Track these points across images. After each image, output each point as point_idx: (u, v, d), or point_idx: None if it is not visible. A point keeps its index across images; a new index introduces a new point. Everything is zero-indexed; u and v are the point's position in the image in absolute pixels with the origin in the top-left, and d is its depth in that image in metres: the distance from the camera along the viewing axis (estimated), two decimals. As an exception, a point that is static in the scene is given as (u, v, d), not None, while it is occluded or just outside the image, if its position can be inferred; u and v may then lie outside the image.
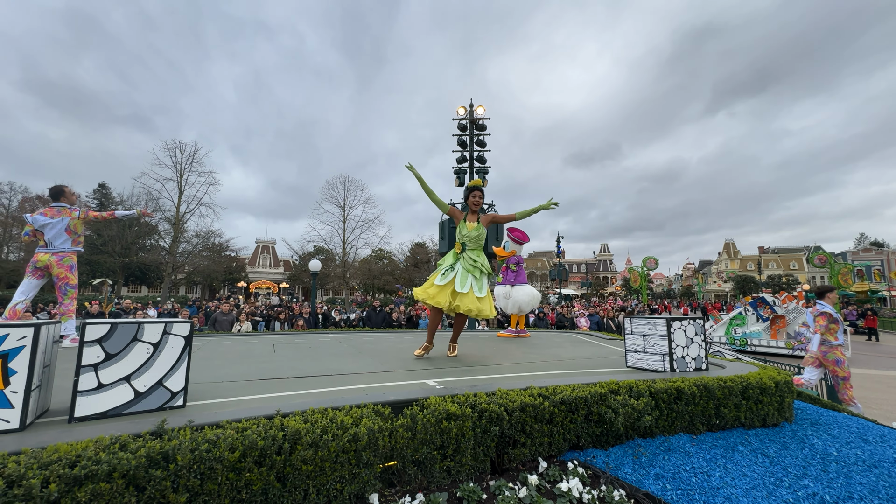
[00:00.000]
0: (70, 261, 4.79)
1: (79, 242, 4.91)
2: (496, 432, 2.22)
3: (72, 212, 4.81)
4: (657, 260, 28.44)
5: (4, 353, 1.79)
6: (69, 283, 4.77)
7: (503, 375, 3.44)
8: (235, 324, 9.76)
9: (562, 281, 31.88)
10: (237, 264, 42.68)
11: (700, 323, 3.75)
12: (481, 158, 11.41)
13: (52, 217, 4.72)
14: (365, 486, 1.88)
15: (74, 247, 4.84)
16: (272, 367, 3.62)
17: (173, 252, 29.86)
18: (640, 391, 2.74)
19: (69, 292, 4.78)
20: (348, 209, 34.08)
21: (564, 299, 34.00)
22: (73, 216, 4.79)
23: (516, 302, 6.65)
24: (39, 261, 4.69)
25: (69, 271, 4.76)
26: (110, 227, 28.76)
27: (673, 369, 3.46)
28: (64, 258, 4.74)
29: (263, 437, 1.67)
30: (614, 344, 6.01)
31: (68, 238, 4.78)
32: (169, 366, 2.14)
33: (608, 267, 74.43)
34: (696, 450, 2.64)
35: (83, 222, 4.90)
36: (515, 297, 6.65)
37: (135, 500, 1.43)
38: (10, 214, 32.95)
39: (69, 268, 4.77)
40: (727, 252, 64.74)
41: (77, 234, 4.87)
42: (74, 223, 4.80)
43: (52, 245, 4.72)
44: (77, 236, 4.87)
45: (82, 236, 4.98)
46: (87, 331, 1.95)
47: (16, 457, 1.40)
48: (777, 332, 13.46)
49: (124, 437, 1.57)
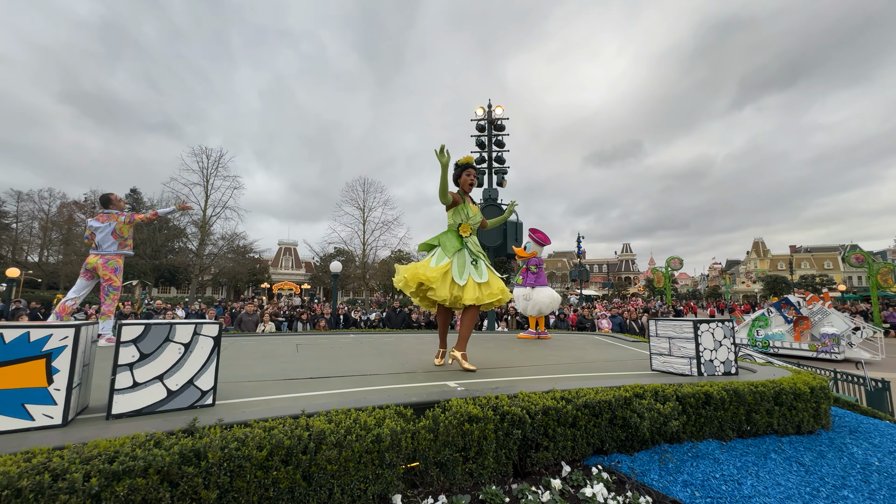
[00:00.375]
0: (115, 263, 5.06)
1: (125, 246, 5.16)
2: (518, 435, 2.20)
3: (119, 217, 5.08)
4: (682, 260, 27.69)
5: (48, 353, 1.89)
6: (112, 285, 5.02)
7: (524, 378, 3.41)
8: (259, 324, 10.00)
9: (583, 282, 31.41)
10: (260, 266, 43.73)
11: (729, 325, 3.64)
12: (500, 159, 11.37)
13: (102, 222, 5.07)
14: (388, 487, 1.90)
15: (120, 250, 5.08)
16: (296, 367, 3.69)
17: (200, 254, 30.81)
18: (666, 395, 2.68)
19: (111, 293, 5.03)
20: (368, 211, 34.50)
21: (585, 300, 33.48)
22: (120, 221, 5.06)
23: (536, 304, 6.60)
24: (89, 262, 5.01)
25: (113, 273, 5.02)
26: (141, 230, 29.89)
27: (700, 373, 3.36)
28: (109, 261, 5.01)
29: (290, 437, 1.70)
30: (638, 346, 5.88)
31: (114, 242, 5.06)
32: (199, 365, 2.21)
33: (630, 267, 72.90)
34: (726, 457, 2.56)
35: (130, 226, 5.15)
36: (536, 299, 6.60)
37: (168, 495, 1.48)
38: (50, 219, 34.68)
39: (113, 270, 5.03)
40: (756, 251, 62.47)
41: (123, 237, 5.12)
42: (120, 227, 5.07)
43: (101, 248, 5.04)
44: (123, 240, 5.13)
45: (129, 240, 5.22)
46: (124, 331, 2.03)
47: (60, 451, 1.47)
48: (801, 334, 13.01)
49: (158, 434, 1.63)
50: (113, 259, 5.05)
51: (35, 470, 1.34)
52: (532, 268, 6.76)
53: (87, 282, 5.05)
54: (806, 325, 12.96)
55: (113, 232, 5.05)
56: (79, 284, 5.01)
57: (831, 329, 12.13)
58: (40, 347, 1.87)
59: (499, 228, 10.41)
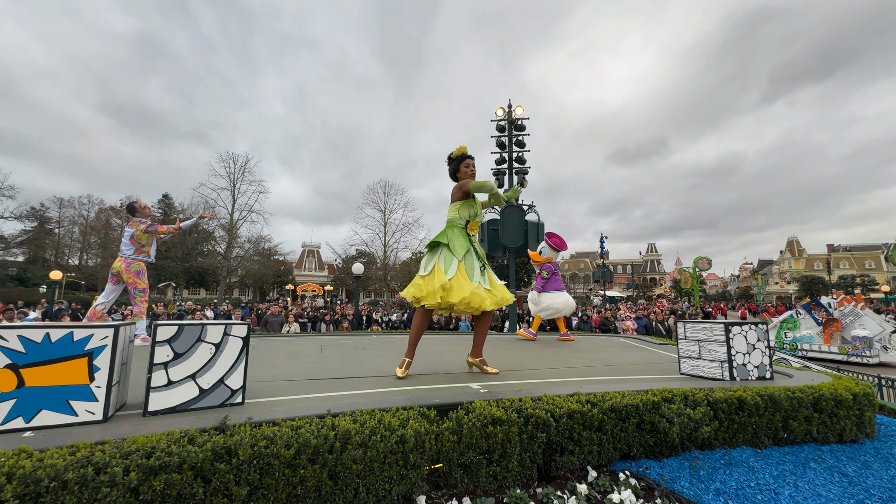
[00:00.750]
0: (136, 267, 5.25)
1: (142, 251, 5.32)
2: (543, 439, 2.17)
3: (139, 224, 5.30)
4: (710, 260, 26.84)
5: (89, 352, 1.98)
6: (136, 288, 5.23)
7: (548, 380, 3.37)
8: (284, 325, 10.23)
9: (606, 283, 30.78)
10: (285, 268, 44.77)
11: (763, 328, 3.50)
12: (521, 159, 11.28)
13: (127, 228, 5.33)
14: (412, 488, 1.90)
15: (136, 255, 5.27)
16: (320, 367, 3.75)
17: (228, 257, 31.81)
18: (696, 400, 2.59)
19: (138, 296, 5.24)
20: (388, 213, 34.90)
21: (609, 302, 32.82)
22: (139, 229, 5.27)
23: (547, 308, 6.63)
24: (114, 267, 5.25)
25: (136, 276, 5.23)
26: (172, 235, 31.12)
27: (733, 378, 3.24)
28: (130, 265, 5.22)
29: (316, 436, 1.73)
30: (665, 349, 5.72)
31: (131, 246, 5.26)
32: (229, 365, 2.28)
33: (656, 268, 71.05)
34: (761, 465, 2.46)
35: (150, 236, 5.33)
36: (546, 304, 6.63)
37: (202, 490, 1.53)
38: (89, 224, 36.46)
39: (136, 273, 5.23)
40: (791, 251, 59.85)
41: (141, 243, 5.30)
42: (138, 234, 5.26)
43: (122, 252, 5.28)
44: (140, 246, 5.30)
45: (147, 247, 5.37)
46: (159, 332, 2.11)
47: (101, 446, 1.54)
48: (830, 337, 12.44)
49: (192, 431, 1.69)
50: (134, 263, 5.24)
51: (79, 463, 1.41)
52: (544, 273, 6.72)
53: (114, 286, 5.26)
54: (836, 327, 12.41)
55: (131, 237, 5.26)
56: (107, 289, 5.24)
57: (863, 332, 11.57)
58: (83, 347, 1.97)
59: (520, 229, 10.32)
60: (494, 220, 10.92)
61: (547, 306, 6.59)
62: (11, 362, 1.84)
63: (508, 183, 11.17)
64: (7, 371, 1.83)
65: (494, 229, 10.72)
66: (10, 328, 1.87)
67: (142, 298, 5.26)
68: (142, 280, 5.28)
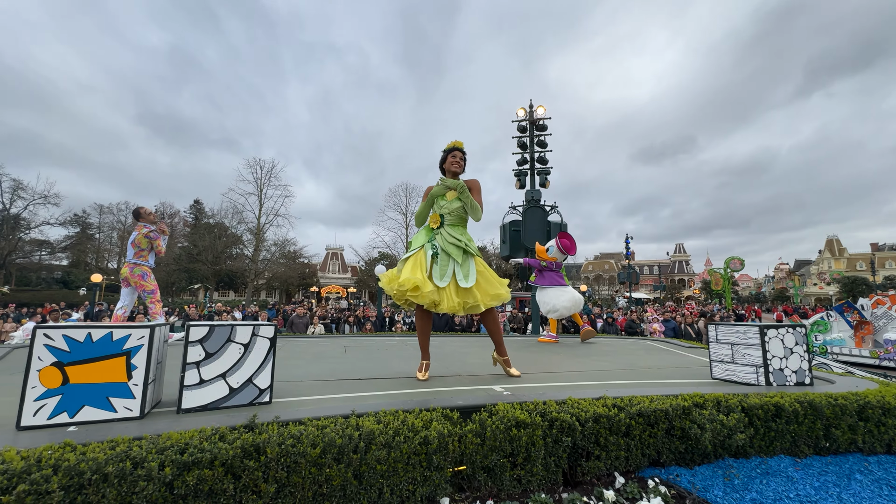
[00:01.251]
0: (139, 270, 5.39)
1: (140, 255, 5.43)
2: (568, 443, 2.13)
3: (142, 228, 5.46)
4: (742, 260, 25.75)
5: (127, 351, 2.07)
6: (144, 290, 5.40)
7: (573, 383, 3.31)
8: (309, 326, 10.44)
9: (632, 284, 30.04)
10: (309, 270, 45.69)
11: (801, 332, 3.33)
12: (542, 159, 11.15)
13: (133, 232, 5.52)
14: (436, 490, 1.90)
15: (136, 259, 5.41)
16: (344, 368, 3.81)
17: (255, 260, 32.71)
18: (729, 406, 2.49)
19: (148, 297, 5.43)
20: (410, 215, 35.10)
21: (635, 303, 31.99)
22: (141, 232, 5.43)
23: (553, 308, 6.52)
24: (122, 273, 5.44)
25: (141, 279, 5.37)
26: (203, 238, 32.22)
27: (769, 383, 3.10)
28: (134, 269, 5.37)
29: (341, 436, 1.75)
30: (695, 352, 5.53)
31: (132, 250, 5.44)
32: (257, 365, 2.34)
33: (684, 268, 68.85)
34: (801, 475, 2.34)
35: (150, 241, 5.44)
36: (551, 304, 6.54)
37: (232, 487, 1.57)
38: (126, 229, 38.22)
39: (140, 276, 5.38)
40: (830, 250, 56.87)
41: (141, 248, 5.42)
42: (139, 238, 5.42)
43: (126, 257, 5.48)
44: (140, 250, 5.42)
45: (146, 252, 5.46)
46: (191, 332, 2.19)
47: (138, 441, 1.61)
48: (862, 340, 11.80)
49: (223, 429, 1.74)
50: (137, 267, 5.38)
51: (118, 458, 1.48)
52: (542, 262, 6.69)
53: (125, 290, 5.44)
54: (867, 330, 11.79)
55: (132, 241, 5.43)
56: (122, 294, 5.43)
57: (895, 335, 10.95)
58: (121, 346, 2.06)
59: (542, 229, 10.20)
60: (516, 221, 10.83)
61: (553, 307, 6.50)
62: (57, 360, 1.94)
63: (531, 184, 11.06)
64: (53, 368, 1.93)
65: (516, 230, 10.64)
66: (56, 328, 1.98)
67: (152, 300, 5.43)
68: (148, 282, 5.40)
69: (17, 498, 1.30)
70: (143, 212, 5.70)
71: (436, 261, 3.10)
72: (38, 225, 31.77)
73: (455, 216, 3.28)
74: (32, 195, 30.47)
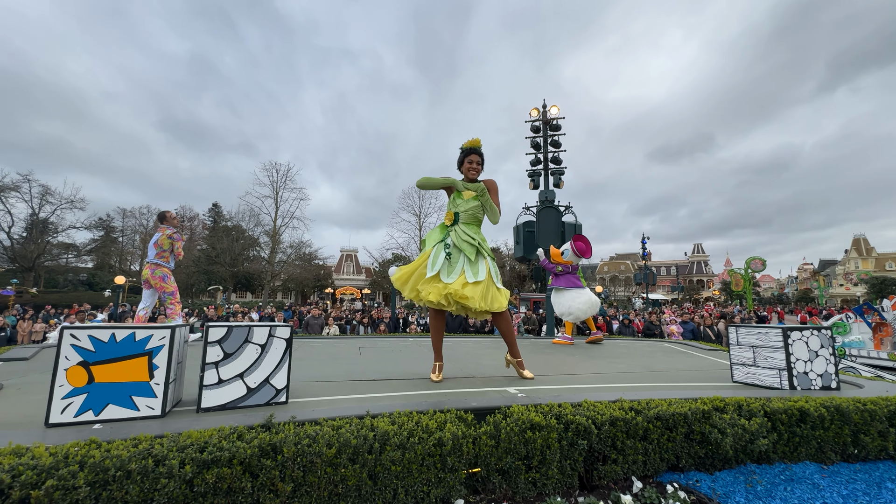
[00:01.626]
0: (160, 272, 5.52)
1: (162, 256, 5.56)
2: (584, 446, 2.11)
3: (165, 230, 5.60)
4: (764, 260, 25.08)
5: (149, 351, 2.13)
6: (165, 291, 5.53)
7: (589, 386, 3.27)
8: (325, 327, 10.55)
9: (648, 285, 29.51)
10: (324, 272, 46.20)
11: (826, 334, 3.23)
12: (556, 159, 11.06)
13: (156, 234, 5.66)
14: (450, 491, 1.90)
15: (157, 259, 5.55)
16: (359, 368, 3.84)
17: (272, 261, 33.20)
18: (751, 410, 2.43)
19: (168, 299, 5.56)
20: (423, 217, 35.27)
21: (652, 305, 31.44)
22: (164, 233, 5.57)
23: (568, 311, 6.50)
24: (143, 274, 5.57)
25: (162, 281, 5.51)
26: (222, 240, 32.87)
27: (793, 387, 3.01)
28: (155, 270, 5.51)
29: (356, 436, 1.77)
30: (715, 355, 5.40)
31: (154, 251, 5.58)
32: (274, 365, 2.38)
33: (703, 269, 67.38)
34: (827, 482, 2.26)
35: (171, 242, 5.58)
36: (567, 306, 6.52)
37: (250, 485, 1.60)
38: (148, 233, 39.24)
39: (161, 278, 5.51)
40: (857, 249, 54.91)
41: (163, 249, 5.56)
42: (162, 239, 5.56)
43: (147, 258, 5.61)
44: (162, 251, 5.56)
45: (167, 253, 5.59)
46: (210, 333, 2.24)
47: (160, 439, 1.65)
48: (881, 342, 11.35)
49: (241, 428, 1.77)
50: (158, 268, 5.51)
51: (141, 455, 1.51)
52: (558, 268, 6.68)
53: (146, 291, 5.58)
54: (886, 331, 11.34)
55: (155, 243, 5.57)
56: (144, 295, 5.58)
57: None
58: (143, 346, 2.11)
59: (556, 230, 10.12)
60: (530, 221, 10.76)
61: (568, 309, 6.46)
62: (83, 360, 2.01)
63: (545, 184, 10.97)
64: (80, 368, 2.00)
65: (530, 231, 10.56)
66: (83, 328, 2.05)
67: (172, 301, 5.55)
68: (168, 283, 5.53)
69: (45, 493, 1.34)
70: (168, 215, 5.86)
71: (448, 260, 3.09)
72: (64, 229, 32.87)
73: (470, 215, 3.26)
74: (60, 200, 31.56)
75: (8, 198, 28.94)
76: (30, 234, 30.51)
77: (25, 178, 29.56)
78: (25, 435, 1.76)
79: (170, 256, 5.65)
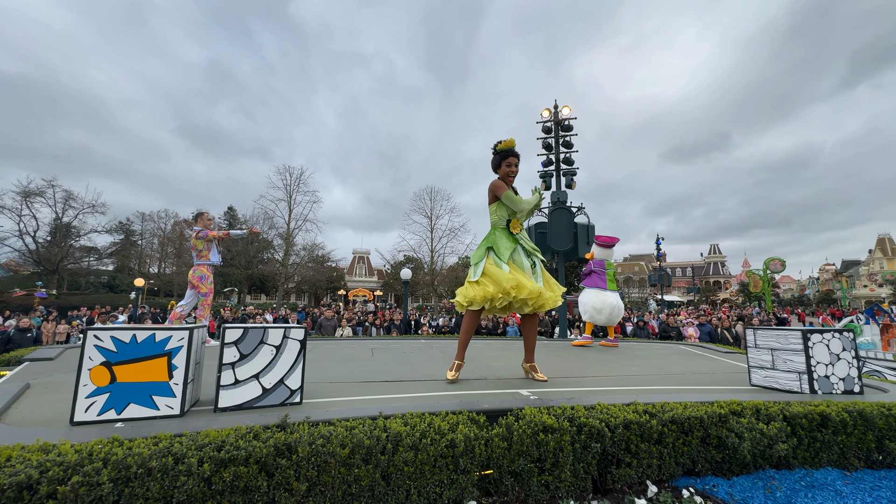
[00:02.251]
0: (199, 272, 5.66)
1: (201, 257, 5.72)
2: (597, 449, 2.09)
3: (195, 232, 5.75)
4: (783, 261, 24.45)
5: (168, 352, 2.18)
6: (199, 292, 5.65)
7: (602, 388, 3.24)
8: (338, 328, 10.64)
9: (664, 286, 29.03)
10: (337, 274, 46.59)
11: (848, 336, 3.14)
12: (568, 160, 10.98)
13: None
14: (463, 493, 1.90)
15: (198, 260, 5.71)
16: (372, 370, 3.86)
17: (285, 264, 33.67)
18: (770, 414, 2.38)
19: (199, 300, 5.67)
20: (435, 219, 35.38)
21: (668, 307, 30.92)
22: (194, 236, 5.73)
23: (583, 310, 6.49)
24: (189, 275, 5.73)
25: (198, 281, 5.65)
26: (236, 243, 33.46)
27: (814, 391, 2.94)
28: (195, 270, 5.67)
29: (369, 437, 1.79)
30: (732, 358, 5.29)
31: (194, 253, 5.74)
32: (288, 366, 2.41)
33: (720, 270, 66.06)
34: (850, 489, 2.20)
35: (203, 241, 5.72)
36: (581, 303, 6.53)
37: (265, 484, 1.63)
38: (166, 236, 40.13)
39: (198, 279, 5.65)
40: (882, 249, 53.19)
41: (198, 249, 5.72)
42: (194, 241, 5.73)
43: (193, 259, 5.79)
44: (199, 251, 5.72)
45: (206, 251, 5.74)
46: (227, 334, 2.28)
47: (179, 438, 1.69)
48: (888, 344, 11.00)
49: (256, 427, 1.80)
50: (197, 269, 5.67)
51: (161, 453, 1.56)
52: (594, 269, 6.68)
53: (189, 291, 5.73)
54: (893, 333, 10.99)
55: (192, 246, 5.76)
56: (186, 294, 5.75)
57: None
58: (163, 347, 2.17)
59: (568, 231, 10.04)
60: (542, 222, 10.70)
61: (583, 309, 6.50)
62: (106, 360, 2.07)
63: (556, 185, 10.91)
64: (102, 368, 2.06)
65: (542, 232, 10.50)
66: (105, 329, 2.11)
67: (203, 302, 5.65)
68: (204, 284, 5.65)
69: (71, 488, 1.39)
70: (203, 216, 6.02)
71: (534, 269, 3.24)
72: (86, 233, 33.85)
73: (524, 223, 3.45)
74: (82, 205, 32.50)
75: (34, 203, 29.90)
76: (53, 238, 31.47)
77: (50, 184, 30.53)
78: (51, 432, 1.82)
79: (208, 253, 5.78)
